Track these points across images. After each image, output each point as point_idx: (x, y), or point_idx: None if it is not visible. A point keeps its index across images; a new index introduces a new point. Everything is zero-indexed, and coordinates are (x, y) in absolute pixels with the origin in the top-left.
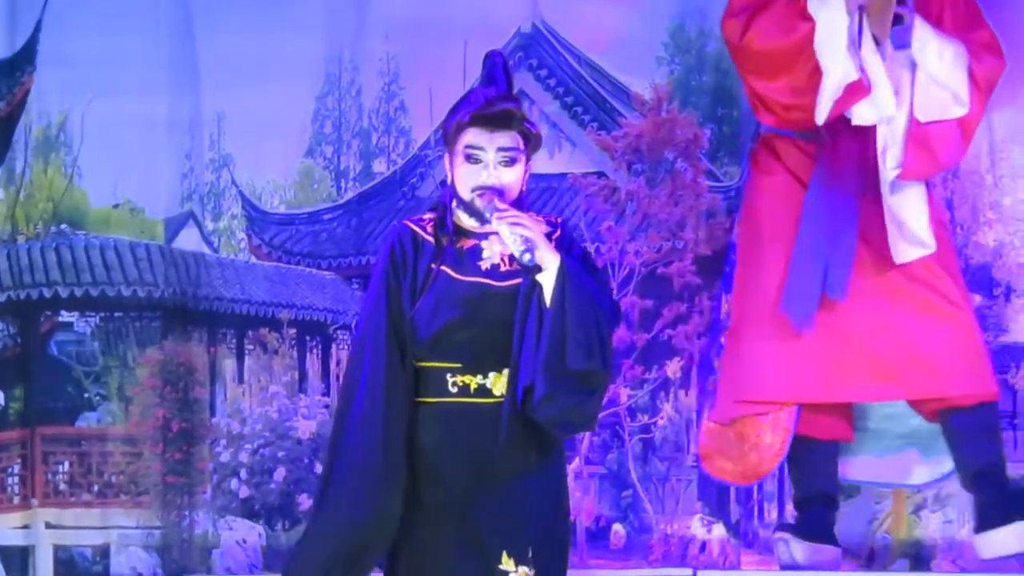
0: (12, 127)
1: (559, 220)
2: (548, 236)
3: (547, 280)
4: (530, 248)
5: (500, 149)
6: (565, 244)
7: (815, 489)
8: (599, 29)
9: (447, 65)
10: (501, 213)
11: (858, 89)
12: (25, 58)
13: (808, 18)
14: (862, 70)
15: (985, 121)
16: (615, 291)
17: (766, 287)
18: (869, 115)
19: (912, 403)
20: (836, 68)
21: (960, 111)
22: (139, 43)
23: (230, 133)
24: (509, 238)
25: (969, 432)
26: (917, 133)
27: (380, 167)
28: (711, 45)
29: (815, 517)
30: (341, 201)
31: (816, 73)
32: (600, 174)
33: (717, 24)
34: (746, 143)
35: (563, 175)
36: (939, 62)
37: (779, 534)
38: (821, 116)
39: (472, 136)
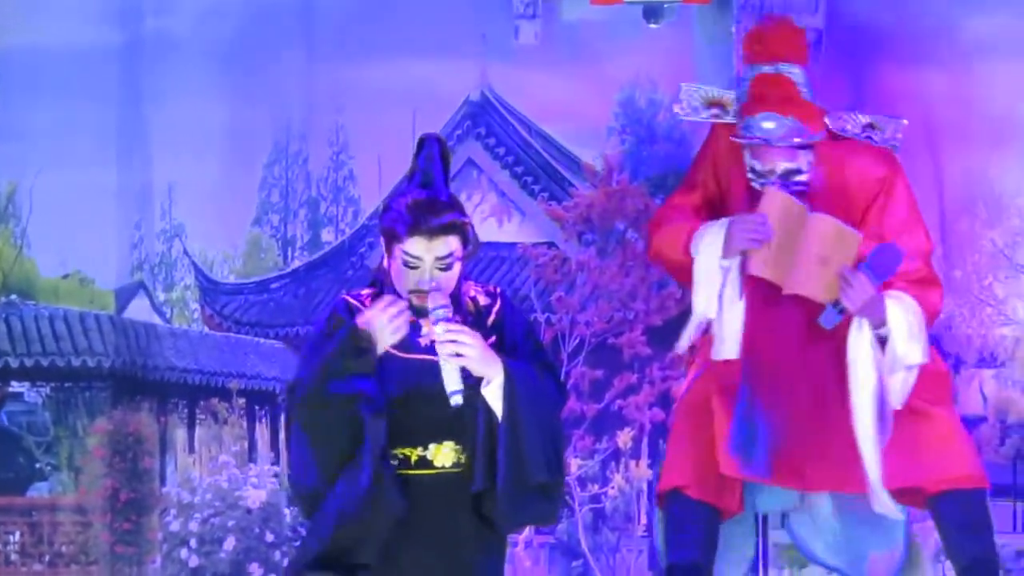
0: None
1: (498, 291)
2: (488, 309)
3: (492, 394)
4: (460, 391)
5: (438, 258)
6: (507, 316)
7: (685, 558)
8: (548, 99)
9: (396, 134)
10: (441, 339)
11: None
12: None
13: (689, 255)
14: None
15: (935, 192)
16: (564, 363)
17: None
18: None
19: (897, 496)
20: (699, 304)
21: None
22: (88, 113)
23: (181, 202)
24: (444, 367)
25: (957, 522)
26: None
27: (328, 236)
28: (662, 115)
29: None
30: (288, 270)
31: None
32: (550, 244)
33: (668, 95)
34: None
35: (513, 244)
36: (908, 342)
37: None
38: (682, 344)
39: (410, 246)
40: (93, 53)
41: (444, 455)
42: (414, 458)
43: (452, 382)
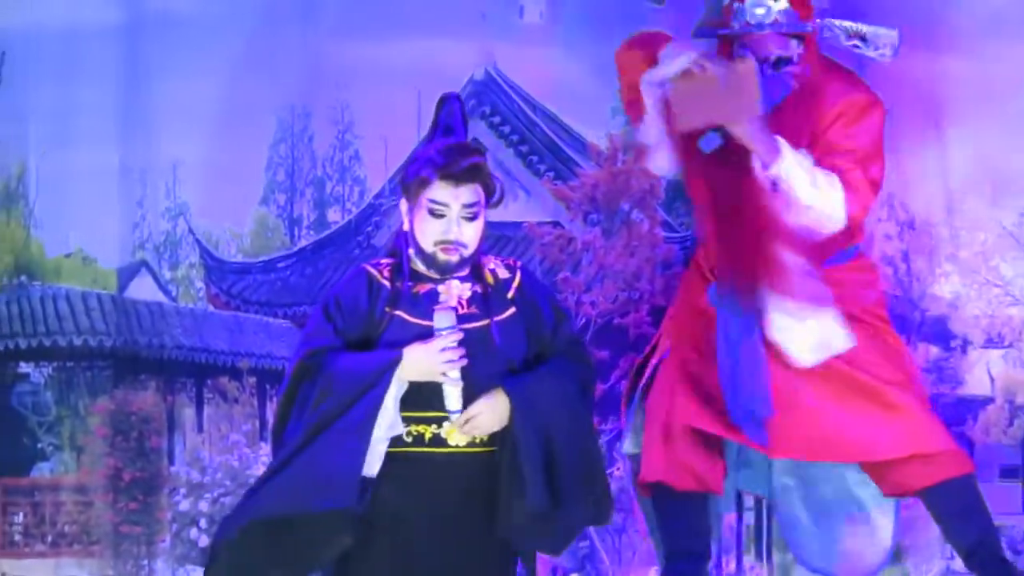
0: None
1: (517, 264)
2: (507, 283)
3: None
4: (459, 411)
5: (465, 205)
6: (527, 289)
7: (681, 547)
8: (553, 78)
9: (401, 114)
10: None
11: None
12: None
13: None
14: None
15: (941, 172)
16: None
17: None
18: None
19: (872, 473)
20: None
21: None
22: (91, 93)
23: (186, 181)
24: (446, 388)
25: (950, 511)
26: None
27: (335, 216)
28: None
29: (679, 573)
30: (295, 249)
31: None
32: (555, 224)
33: None
34: None
35: (518, 224)
36: (813, 189)
37: None
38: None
39: (437, 191)
40: (96, 32)
41: (459, 435)
42: (428, 436)
43: (453, 402)
